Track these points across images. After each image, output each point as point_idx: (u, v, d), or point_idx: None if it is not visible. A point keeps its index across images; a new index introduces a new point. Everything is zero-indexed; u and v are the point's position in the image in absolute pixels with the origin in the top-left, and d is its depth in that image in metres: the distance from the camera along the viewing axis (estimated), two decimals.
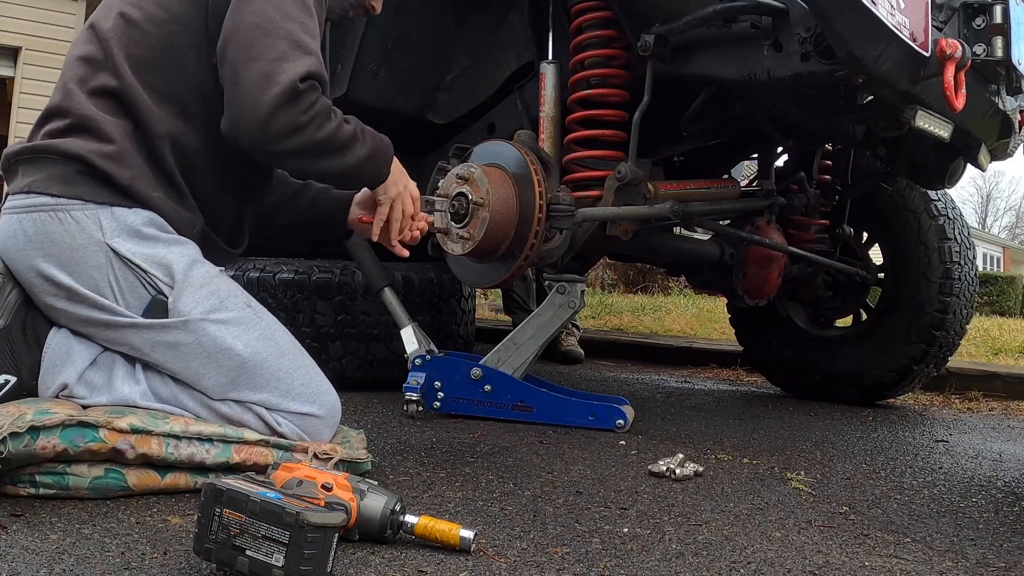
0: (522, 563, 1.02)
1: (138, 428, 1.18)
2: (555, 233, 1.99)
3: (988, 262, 27.01)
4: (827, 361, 2.76)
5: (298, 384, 1.33)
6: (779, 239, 2.48)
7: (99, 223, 1.27)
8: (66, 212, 1.27)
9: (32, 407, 1.16)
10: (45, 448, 1.11)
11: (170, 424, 1.21)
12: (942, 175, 2.30)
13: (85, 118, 1.29)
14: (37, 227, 1.27)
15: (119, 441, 1.16)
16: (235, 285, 1.38)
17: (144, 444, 1.18)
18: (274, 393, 1.30)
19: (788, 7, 1.65)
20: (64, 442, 1.13)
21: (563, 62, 2.10)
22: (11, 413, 1.12)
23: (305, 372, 1.35)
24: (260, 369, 1.30)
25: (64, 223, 1.26)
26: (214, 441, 1.23)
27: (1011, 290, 14.06)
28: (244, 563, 0.89)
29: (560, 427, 1.98)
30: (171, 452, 1.20)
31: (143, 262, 1.28)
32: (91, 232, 1.27)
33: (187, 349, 1.28)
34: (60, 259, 1.27)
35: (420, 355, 2.04)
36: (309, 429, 1.33)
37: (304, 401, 1.32)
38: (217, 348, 1.28)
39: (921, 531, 1.28)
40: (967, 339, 3.67)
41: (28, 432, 1.10)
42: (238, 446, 1.25)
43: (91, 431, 1.15)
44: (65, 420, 1.13)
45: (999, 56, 1.84)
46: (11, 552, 0.95)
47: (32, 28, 6.81)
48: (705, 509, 1.33)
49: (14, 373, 1.24)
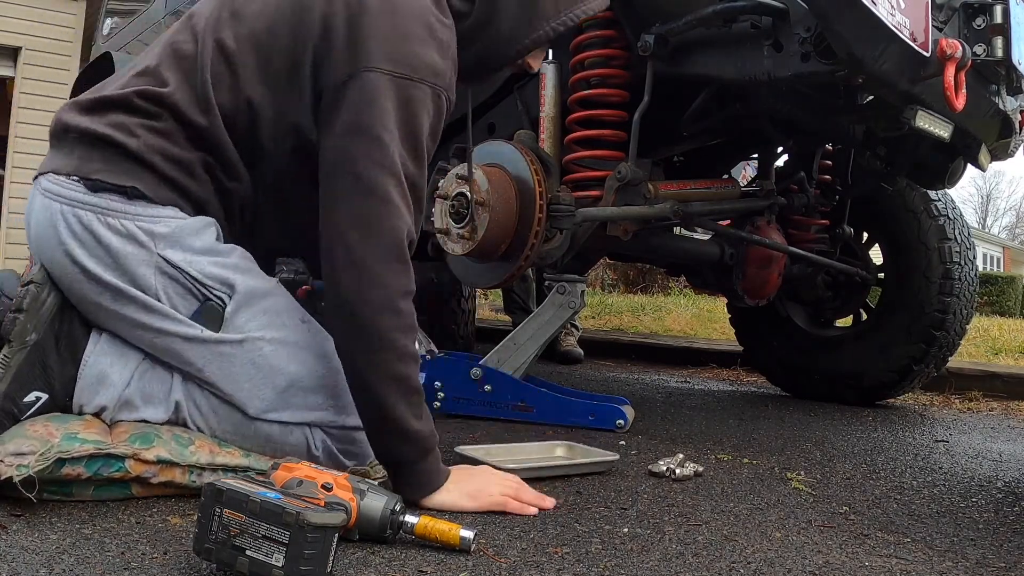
0: (522, 563, 1.02)
1: (164, 459, 1.16)
2: (555, 233, 1.99)
3: (988, 262, 27.01)
4: (827, 361, 2.76)
5: (350, 400, 1.24)
6: (779, 239, 2.48)
7: (152, 233, 1.21)
8: (117, 219, 1.21)
9: (60, 429, 1.12)
10: (69, 475, 1.10)
11: (196, 455, 1.18)
12: (942, 175, 2.30)
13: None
14: (84, 226, 1.21)
15: (144, 471, 1.15)
16: (291, 299, 1.31)
17: (168, 474, 1.17)
18: (330, 411, 1.25)
19: (788, 7, 1.65)
20: (89, 472, 1.11)
21: (563, 62, 2.10)
22: (39, 435, 1.09)
23: None
24: (316, 388, 1.25)
25: (113, 229, 1.21)
26: (238, 473, 1.20)
27: (1011, 290, 14.07)
28: (244, 563, 0.89)
29: (560, 427, 1.98)
30: (193, 480, 1.19)
31: (198, 272, 1.22)
32: (143, 241, 1.21)
33: (238, 366, 1.22)
34: (106, 261, 1.21)
35: (420, 355, 2.04)
36: (361, 446, 1.28)
37: (357, 416, 1.25)
38: (271, 368, 1.22)
39: (921, 531, 1.28)
40: (967, 339, 3.66)
41: (54, 463, 1.08)
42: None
43: (118, 462, 1.13)
44: (93, 453, 1.11)
45: (999, 56, 1.84)
46: (11, 552, 0.95)
47: (32, 28, 6.81)
48: (705, 509, 1.33)
49: (46, 390, 1.18)
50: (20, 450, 1.06)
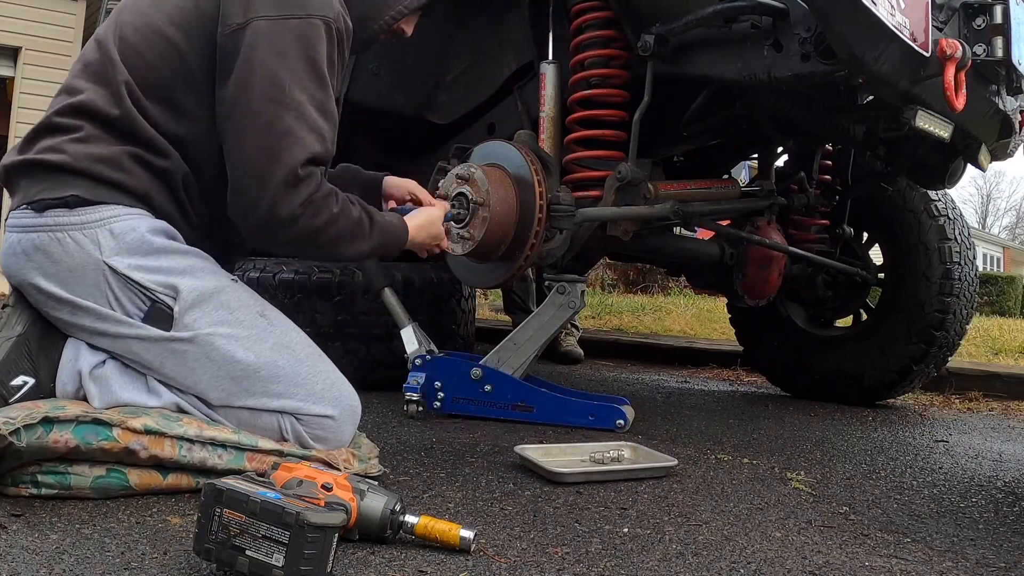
0: (522, 563, 1.02)
1: (152, 429, 1.18)
2: (555, 233, 1.99)
3: (988, 262, 27.01)
4: (827, 361, 2.76)
5: (319, 388, 1.33)
6: (779, 239, 2.48)
7: (97, 242, 1.27)
8: (65, 233, 1.27)
9: (47, 403, 1.17)
10: (57, 442, 1.12)
11: (184, 427, 1.21)
12: (942, 175, 2.29)
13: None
14: (36, 246, 1.28)
15: (132, 441, 1.16)
16: (247, 294, 1.37)
17: (157, 446, 1.18)
18: (294, 399, 1.31)
19: (788, 7, 1.65)
20: (77, 438, 1.13)
21: (563, 62, 2.10)
22: (26, 407, 1.14)
23: (326, 376, 1.36)
24: (277, 378, 1.30)
25: (63, 243, 1.27)
26: (227, 447, 1.23)
27: (1011, 290, 14.06)
28: (244, 563, 0.89)
29: (560, 427, 1.98)
30: (183, 455, 1.20)
31: (142, 276, 1.28)
32: (90, 251, 1.27)
33: (193, 361, 1.27)
34: (59, 277, 1.27)
35: (420, 355, 2.04)
36: (332, 432, 1.34)
37: (326, 404, 1.33)
38: (225, 360, 1.28)
39: (921, 531, 1.28)
40: (967, 339, 3.67)
41: (41, 424, 1.10)
42: (251, 454, 1.25)
43: (105, 429, 1.15)
44: (79, 416, 1.14)
45: (999, 56, 1.84)
46: (11, 552, 0.95)
47: (32, 28, 6.81)
48: (705, 509, 1.33)
49: (32, 375, 1.25)
50: (9, 414, 1.11)
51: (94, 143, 1.30)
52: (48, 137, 1.32)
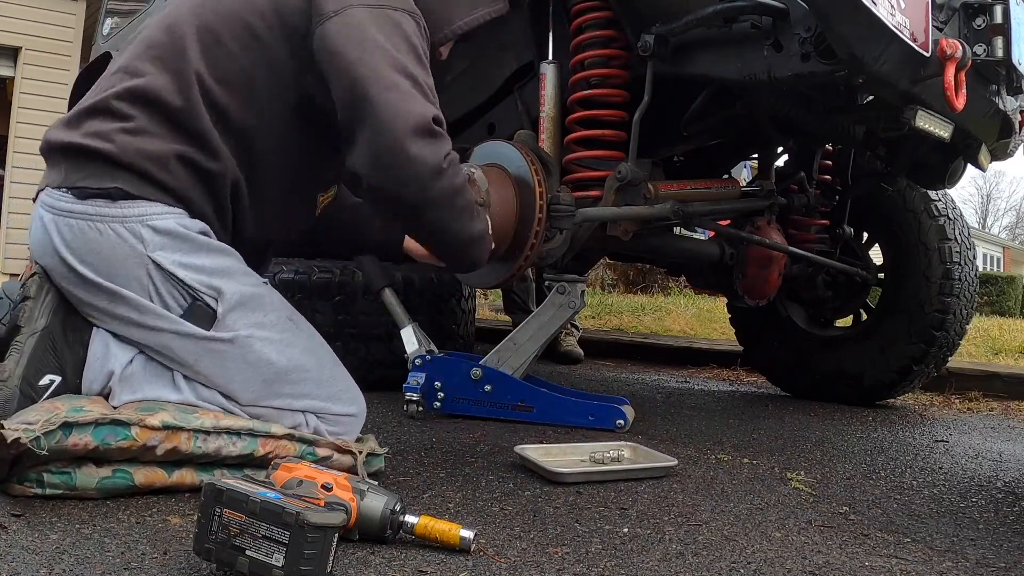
0: (522, 563, 1.02)
1: (170, 424, 1.18)
2: (555, 233, 1.99)
3: (988, 262, 27.01)
4: (827, 361, 2.76)
5: (339, 389, 1.39)
6: (779, 239, 2.48)
7: (140, 236, 1.27)
8: (106, 224, 1.26)
9: (66, 404, 1.16)
10: (77, 445, 1.11)
11: (200, 419, 1.22)
12: (942, 175, 2.29)
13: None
14: (75, 234, 1.27)
15: (150, 438, 1.16)
16: (278, 298, 1.39)
17: (174, 439, 1.19)
18: (318, 399, 1.36)
19: (788, 7, 1.65)
20: (96, 440, 1.13)
21: (563, 62, 2.10)
22: (46, 409, 1.13)
23: (344, 378, 1.41)
24: (303, 380, 1.34)
25: (104, 234, 1.26)
26: (241, 435, 1.25)
27: (1011, 290, 14.06)
28: (244, 563, 0.89)
29: (560, 427, 1.98)
30: (199, 446, 1.21)
31: (186, 275, 1.28)
32: (132, 244, 1.26)
33: (230, 361, 1.29)
34: (97, 266, 1.26)
35: (420, 355, 2.04)
36: (350, 428, 1.40)
37: (346, 403, 1.39)
38: (260, 362, 1.30)
39: (921, 531, 1.28)
40: (967, 339, 3.67)
41: (61, 428, 1.10)
42: (264, 439, 1.27)
43: (123, 429, 1.15)
44: (98, 419, 1.13)
45: (999, 56, 1.84)
46: (11, 552, 0.95)
47: (32, 28, 6.81)
48: (705, 509, 1.33)
49: (59, 372, 1.24)
50: (28, 419, 1.10)
51: (145, 137, 1.29)
52: (100, 119, 1.30)
